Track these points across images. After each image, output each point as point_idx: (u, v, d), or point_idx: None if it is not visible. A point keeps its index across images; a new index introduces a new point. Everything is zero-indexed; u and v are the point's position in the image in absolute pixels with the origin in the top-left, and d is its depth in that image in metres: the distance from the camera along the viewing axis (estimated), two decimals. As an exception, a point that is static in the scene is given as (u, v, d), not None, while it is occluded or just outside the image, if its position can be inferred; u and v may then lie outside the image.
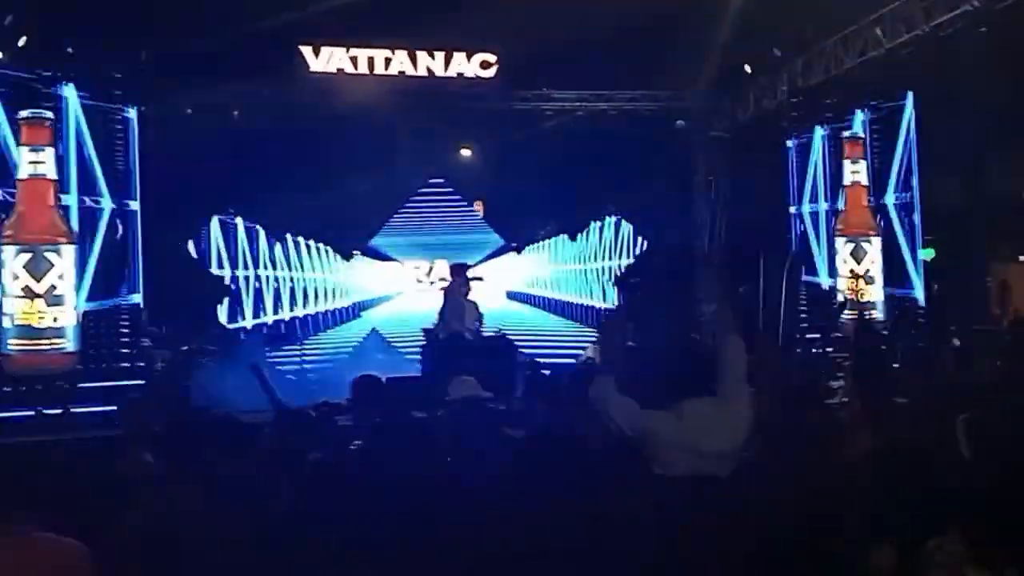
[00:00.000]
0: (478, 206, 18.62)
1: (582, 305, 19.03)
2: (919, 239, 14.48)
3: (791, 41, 14.19)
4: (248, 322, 16.39)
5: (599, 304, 18.76)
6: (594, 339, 17.21)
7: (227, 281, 16.24)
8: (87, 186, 12.40)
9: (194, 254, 15.89)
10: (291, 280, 17.23)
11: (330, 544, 3.23)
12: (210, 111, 14.64)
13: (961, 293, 15.62)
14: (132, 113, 13.05)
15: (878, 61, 12.93)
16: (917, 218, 14.14)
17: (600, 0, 13.02)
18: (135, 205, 13.04)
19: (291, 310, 17.21)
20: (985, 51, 11.77)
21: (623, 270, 18.40)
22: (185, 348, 12.96)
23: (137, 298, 12.92)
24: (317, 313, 17.42)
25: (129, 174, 12.98)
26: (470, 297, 13.80)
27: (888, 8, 12.50)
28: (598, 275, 18.84)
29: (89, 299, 12.13)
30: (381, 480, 3.79)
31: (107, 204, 12.71)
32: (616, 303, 18.28)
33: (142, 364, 12.31)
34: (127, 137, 12.97)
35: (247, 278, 16.59)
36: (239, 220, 16.66)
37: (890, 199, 14.32)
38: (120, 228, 12.79)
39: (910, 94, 13.71)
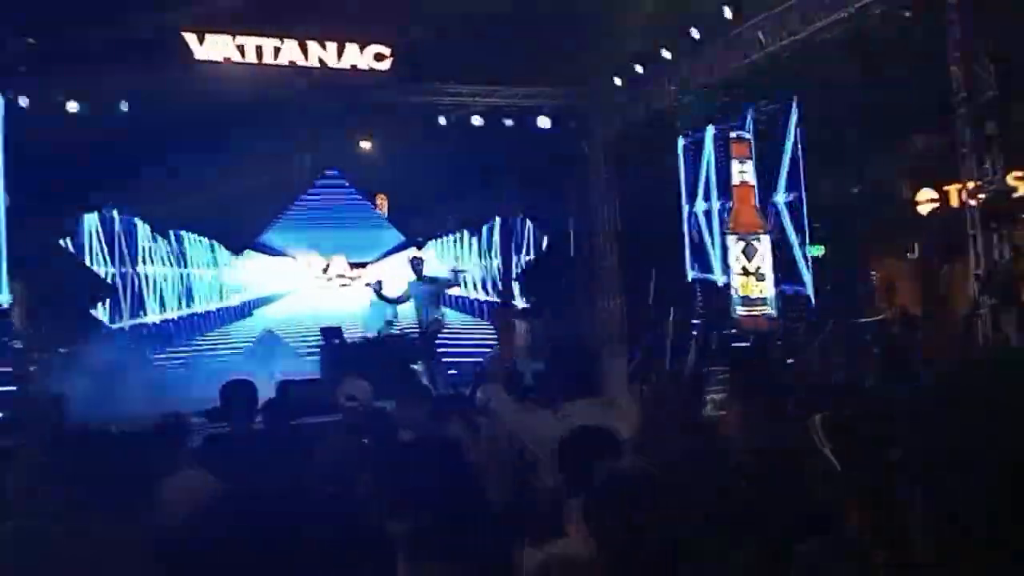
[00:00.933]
0: (381, 200, 18.34)
1: (485, 302, 18.98)
2: (808, 237, 14.95)
3: (681, 42, 14.40)
4: (130, 321, 15.71)
5: (501, 300, 18.76)
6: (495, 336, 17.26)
7: (107, 278, 15.52)
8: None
9: (72, 250, 15.13)
10: (177, 277, 16.57)
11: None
12: (87, 99, 13.99)
13: (848, 289, 16.20)
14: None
15: (762, 63, 13.26)
16: (805, 216, 14.57)
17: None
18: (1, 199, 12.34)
19: (177, 309, 16.53)
20: (861, 54, 12.20)
21: (524, 266, 18.46)
22: (61, 350, 12.35)
23: (4, 298, 12.21)
24: (206, 312, 16.78)
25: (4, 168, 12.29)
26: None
27: (769, 12, 12.85)
28: (499, 271, 18.83)
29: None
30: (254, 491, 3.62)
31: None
32: (511, 299, 18.34)
33: (8, 369, 11.65)
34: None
35: (129, 275, 15.87)
36: (119, 214, 15.91)
37: (780, 197, 14.72)
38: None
39: (795, 96, 14.11)
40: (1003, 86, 10.91)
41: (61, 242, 14.97)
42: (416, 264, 14.11)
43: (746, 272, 14.59)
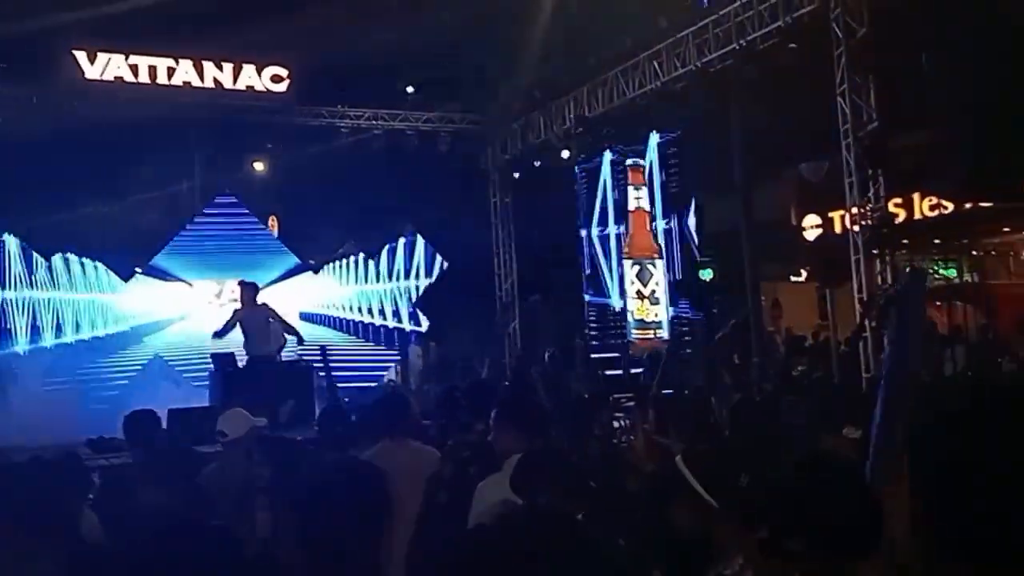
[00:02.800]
0: (272, 223, 17.97)
1: (381, 326, 18.74)
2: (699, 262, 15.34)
3: (579, 70, 14.70)
4: (14, 348, 14.91)
5: (398, 325, 18.57)
6: (395, 359, 17.09)
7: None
8: None
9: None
10: (64, 302, 15.80)
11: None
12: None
13: (736, 311, 16.67)
14: None
15: (658, 93, 13.63)
16: (696, 241, 14.98)
17: (396, 21, 13.01)
18: None
19: (64, 335, 15.76)
20: (749, 86, 12.66)
21: (421, 290, 18.34)
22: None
23: None
24: (92, 338, 16.04)
25: None
26: (271, 319, 13.17)
27: (664, 44, 13.24)
28: (396, 295, 18.65)
29: None
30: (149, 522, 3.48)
31: None
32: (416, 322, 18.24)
33: None
34: None
35: (12, 300, 15.07)
36: (10, 237, 15.11)
37: (672, 223, 15.10)
38: None
39: (688, 125, 14.55)
40: (884, 118, 11.44)
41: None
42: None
43: (641, 296, 14.89)
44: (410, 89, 15.92)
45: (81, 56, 13.91)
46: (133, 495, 4.04)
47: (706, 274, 17.00)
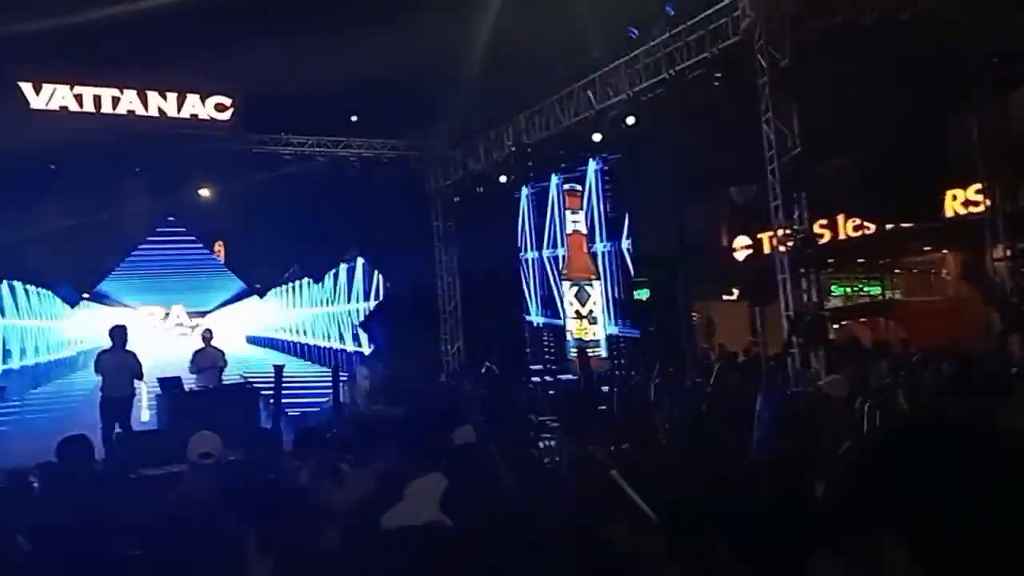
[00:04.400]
0: (219, 247, 18.10)
1: (327, 348, 18.94)
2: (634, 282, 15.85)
3: (516, 100, 15.12)
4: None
5: (343, 347, 18.79)
6: (342, 380, 17.24)
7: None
8: None
9: None
10: (9, 329, 15.76)
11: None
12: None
13: (671, 330, 17.17)
14: None
15: (593, 120, 14.11)
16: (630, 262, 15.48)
17: (339, 49, 13.27)
18: None
19: (9, 360, 15.72)
20: (681, 113, 13.19)
21: (367, 312, 18.59)
22: None
23: None
24: (37, 364, 16.02)
25: None
26: (213, 344, 13.49)
27: (597, 74, 13.74)
28: (341, 318, 18.88)
29: None
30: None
31: None
32: (360, 345, 18.46)
33: None
34: None
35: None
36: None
37: (610, 245, 15.59)
38: None
39: (624, 150, 15.06)
40: (807, 144, 11.99)
41: None
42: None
43: (579, 315, 15.33)
44: (354, 118, 16.20)
45: (26, 87, 13.99)
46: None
47: (642, 294, 17.55)
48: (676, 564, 2.66)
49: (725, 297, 18.25)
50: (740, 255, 16.54)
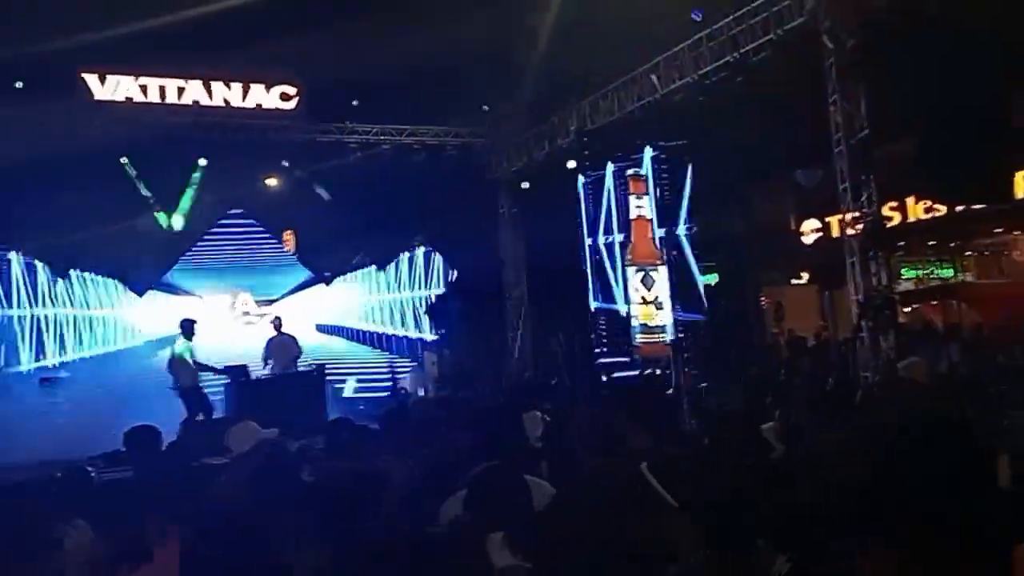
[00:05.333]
0: (288, 237, 18.36)
1: (393, 335, 19.12)
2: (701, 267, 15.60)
3: (579, 84, 14.99)
4: (30, 364, 15.35)
5: (410, 334, 18.94)
6: (410, 366, 17.42)
7: (6, 321, 15.19)
8: None
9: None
10: (80, 318, 16.26)
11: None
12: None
13: (739, 315, 16.96)
14: None
15: (657, 105, 13.91)
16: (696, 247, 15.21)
17: (402, 37, 13.31)
18: None
19: (80, 349, 16.24)
20: (743, 97, 12.93)
21: (432, 300, 18.71)
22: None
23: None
24: (106, 353, 16.49)
25: None
26: (284, 330, 13.74)
27: (661, 57, 13.53)
28: (407, 305, 19.03)
29: None
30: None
31: None
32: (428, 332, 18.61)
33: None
34: None
35: (29, 316, 15.54)
36: (16, 256, 15.60)
37: (680, 230, 15.35)
38: None
39: (688, 134, 14.80)
40: (874, 125, 11.67)
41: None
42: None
43: (645, 301, 15.14)
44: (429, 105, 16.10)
45: (91, 78, 14.26)
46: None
47: (709, 279, 17.29)
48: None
49: (794, 281, 17.94)
50: (809, 239, 16.19)
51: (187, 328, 12.33)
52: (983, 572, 1.31)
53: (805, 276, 17.69)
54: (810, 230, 16.20)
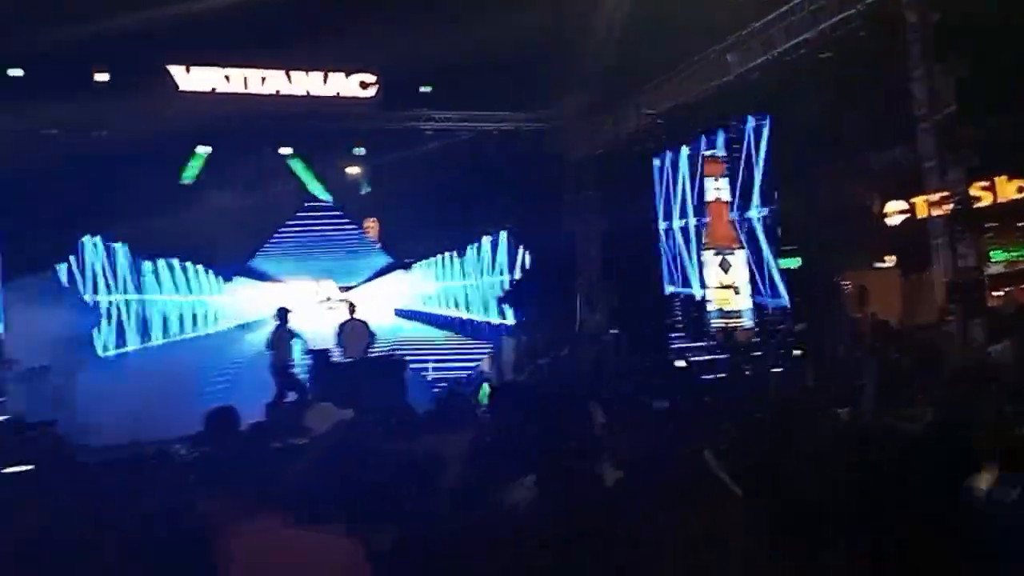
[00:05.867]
0: (371, 224, 18.67)
1: (471, 320, 19.30)
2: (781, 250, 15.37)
3: (652, 66, 14.83)
4: (122, 348, 16.03)
5: (488, 319, 19.10)
6: (487, 352, 17.57)
7: (97, 307, 15.87)
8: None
9: (61, 280, 15.47)
10: (168, 304, 16.89)
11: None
12: (78, 131, 14.26)
13: (822, 299, 16.56)
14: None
15: (732, 85, 13.68)
16: (777, 230, 14.97)
17: (476, 24, 13.37)
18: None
19: (168, 335, 16.87)
20: (825, 74, 12.62)
21: (510, 284, 18.81)
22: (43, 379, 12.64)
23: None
24: (196, 337, 17.10)
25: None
26: (357, 316, 14.07)
27: (737, 36, 13.29)
28: (485, 290, 19.19)
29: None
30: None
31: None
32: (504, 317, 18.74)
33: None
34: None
35: (119, 303, 16.24)
36: (108, 244, 16.23)
37: (754, 212, 15.12)
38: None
39: (764, 115, 14.54)
40: (962, 101, 11.29)
41: (53, 271, 15.29)
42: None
43: (722, 286, 14.97)
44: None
45: (177, 70, 14.68)
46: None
47: (790, 262, 16.97)
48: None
49: (878, 265, 17.43)
50: (893, 220, 15.69)
51: (281, 315, 13.01)
52: None
53: (889, 259, 17.18)
54: (895, 211, 15.71)
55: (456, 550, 3.74)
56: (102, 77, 13.58)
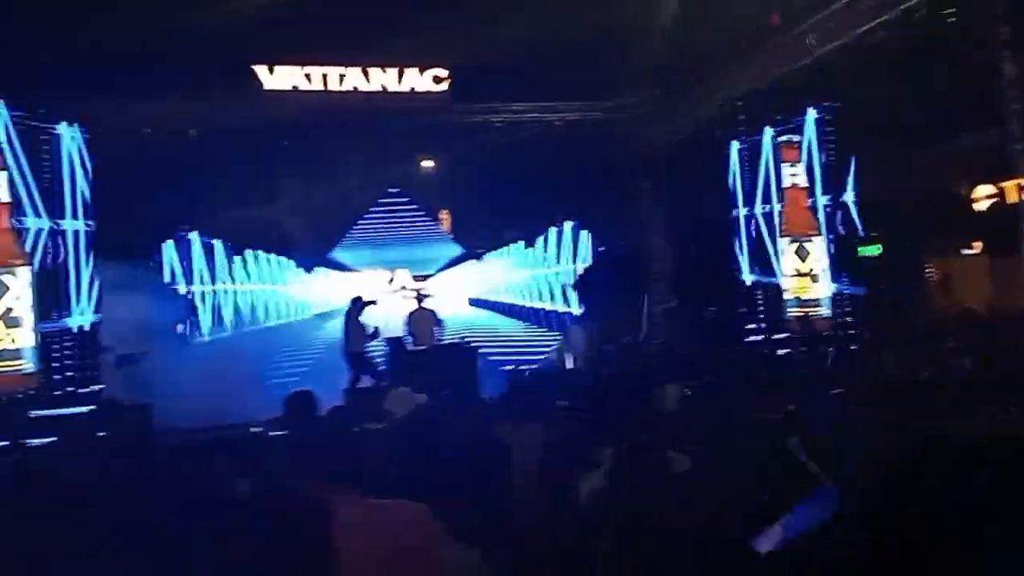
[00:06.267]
0: (445, 216, 18.92)
1: (542, 309, 19.38)
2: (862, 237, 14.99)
3: (727, 49, 14.62)
4: (211, 336, 16.64)
5: (558, 307, 19.16)
6: (558, 340, 17.65)
7: (188, 296, 16.51)
8: (42, 208, 12.54)
9: (153, 271, 16.16)
10: (253, 294, 17.47)
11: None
12: (166, 129, 14.86)
13: (907, 287, 16.15)
14: (76, 132, 13.10)
15: (811, 68, 13.39)
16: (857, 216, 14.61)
17: (545, 16, 13.38)
18: (87, 225, 13.10)
19: (253, 323, 17.48)
20: (906, 55, 12.27)
21: (578, 274, 18.84)
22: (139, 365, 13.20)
23: (91, 318, 13.03)
24: (279, 325, 17.65)
25: (80, 194, 13.04)
26: (425, 305, 14.43)
27: (816, 18, 12.99)
28: (555, 279, 19.25)
29: (43, 320, 12.16)
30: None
31: (68, 225, 12.85)
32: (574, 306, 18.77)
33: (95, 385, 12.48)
34: (87, 159, 13.06)
35: (208, 292, 16.87)
36: (198, 236, 16.93)
37: (833, 199, 14.76)
38: (73, 248, 12.86)
39: (844, 98, 14.20)
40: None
41: (146, 263, 15.99)
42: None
43: (799, 274, 14.68)
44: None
45: (260, 69, 15.10)
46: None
47: (871, 250, 16.55)
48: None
49: (964, 251, 16.89)
50: (981, 205, 15.17)
51: (357, 303, 13.63)
52: None
53: (976, 246, 16.63)
54: (982, 196, 15.19)
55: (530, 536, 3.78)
56: (193, 78, 14.06)
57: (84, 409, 11.25)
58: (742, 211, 15.42)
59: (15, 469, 5.56)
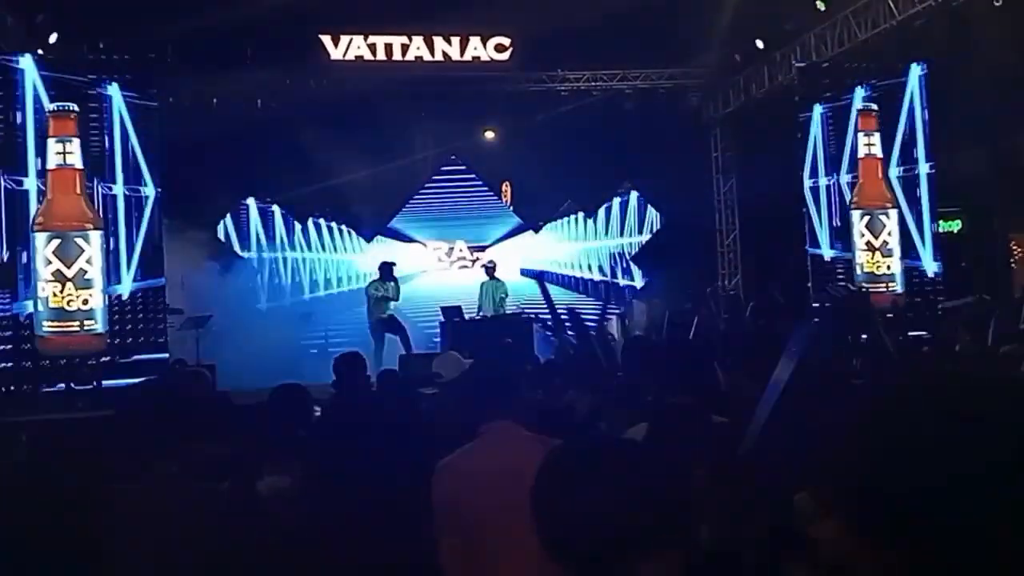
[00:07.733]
0: (506, 188, 18.80)
1: (602, 281, 19.17)
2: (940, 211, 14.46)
3: (803, 15, 14.15)
4: (273, 303, 16.89)
5: (616, 280, 18.95)
6: (617, 313, 17.42)
7: (252, 263, 16.78)
8: (124, 175, 12.83)
9: (220, 237, 16.45)
10: (315, 262, 17.71)
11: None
12: (234, 100, 15.07)
13: (987, 264, 15.58)
14: (156, 104, 13.33)
15: (893, 31, 12.86)
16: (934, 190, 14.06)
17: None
18: (157, 191, 13.26)
19: (316, 290, 17.74)
20: (994, 20, 11.71)
21: (640, 246, 18.56)
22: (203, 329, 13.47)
23: (161, 281, 13.31)
24: (340, 293, 17.87)
25: (159, 162, 13.25)
26: (496, 275, 14.62)
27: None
28: (614, 251, 19.02)
29: (112, 283, 12.47)
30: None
31: (148, 192, 13.12)
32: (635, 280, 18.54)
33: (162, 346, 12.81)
34: (156, 127, 13.25)
35: (272, 259, 17.13)
36: (263, 205, 17.22)
37: (909, 170, 14.21)
38: (147, 213, 13.12)
39: (921, 65, 13.63)
40: None
41: (213, 230, 16.31)
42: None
43: (871, 248, 14.16)
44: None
45: (326, 39, 15.10)
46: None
47: (952, 225, 15.96)
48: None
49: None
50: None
51: (384, 270, 14.30)
52: None
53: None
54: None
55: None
56: (260, 49, 14.23)
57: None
58: (823, 181, 14.85)
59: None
